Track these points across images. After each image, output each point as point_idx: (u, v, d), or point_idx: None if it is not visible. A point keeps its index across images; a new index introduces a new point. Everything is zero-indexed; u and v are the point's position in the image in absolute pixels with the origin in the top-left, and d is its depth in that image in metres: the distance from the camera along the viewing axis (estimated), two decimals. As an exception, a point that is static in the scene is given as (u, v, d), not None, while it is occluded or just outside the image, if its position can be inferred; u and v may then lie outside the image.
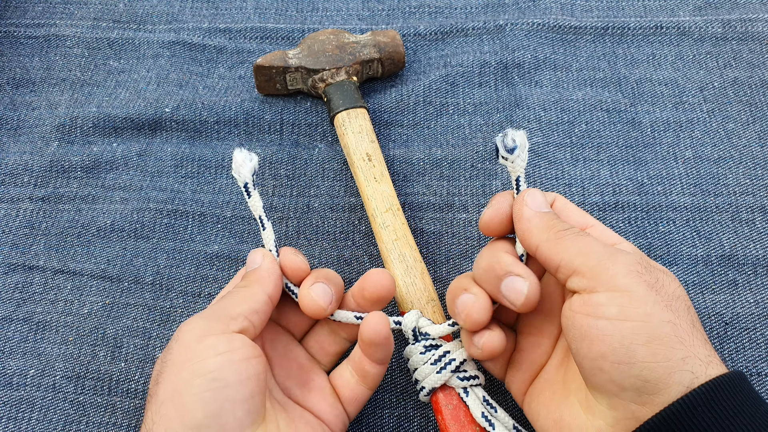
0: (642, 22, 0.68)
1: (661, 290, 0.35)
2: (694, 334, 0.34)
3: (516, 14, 0.70)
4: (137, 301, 0.55)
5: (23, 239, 0.59)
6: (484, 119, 0.64)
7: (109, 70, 0.68)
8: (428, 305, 0.49)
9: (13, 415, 0.51)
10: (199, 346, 0.38)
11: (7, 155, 0.63)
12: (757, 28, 0.67)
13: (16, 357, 0.53)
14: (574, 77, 0.66)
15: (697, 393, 0.32)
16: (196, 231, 0.59)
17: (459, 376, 0.45)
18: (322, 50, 0.62)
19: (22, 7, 0.73)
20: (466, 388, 0.45)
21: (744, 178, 0.59)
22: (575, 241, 0.38)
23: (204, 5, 0.73)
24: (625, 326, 0.33)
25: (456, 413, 0.45)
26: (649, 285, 0.34)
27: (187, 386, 0.37)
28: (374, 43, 0.63)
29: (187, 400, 0.36)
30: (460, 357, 0.45)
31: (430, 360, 0.45)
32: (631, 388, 0.33)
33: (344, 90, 0.61)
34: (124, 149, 0.63)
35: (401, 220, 0.53)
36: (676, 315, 0.34)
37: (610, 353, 0.33)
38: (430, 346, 0.46)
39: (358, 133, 0.58)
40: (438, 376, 0.44)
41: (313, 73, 0.62)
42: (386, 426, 0.49)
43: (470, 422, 0.44)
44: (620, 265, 0.35)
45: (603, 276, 0.35)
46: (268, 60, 0.62)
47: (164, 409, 0.37)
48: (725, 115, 0.63)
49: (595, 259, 0.36)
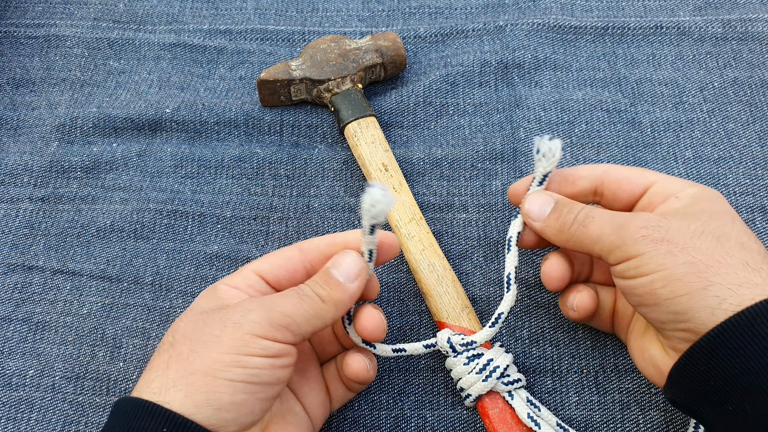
0: (642, 22, 0.68)
1: (674, 238, 0.38)
2: (725, 260, 0.37)
3: (516, 14, 0.70)
4: (137, 302, 0.55)
5: (23, 239, 0.59)
6: (484, 120, 0.64)
7: (110, 71, 0.68)
8: (463, 313, 0.50)
9: (12, 415, 0.51)
10: (252, 340, 0.38)
11: (6, 155, 0.63)
12: (757, 28, 0.67)
13: (15, 357, 0.53)
14: (574, 77, 0.66)
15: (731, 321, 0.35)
16: (195, 231, 0.59)
17: (503, 381, 0.47)
18: (325, 60, 0.62)
19: (22, 7, 0.73)
20: (511, 392, 0.47)
21: (744, 178, 0.59)
22: (585, 232, 0.42)
23: (204, 6, 0.73)
24: (646, 280, 0.38)
25: (503, 416, 0.47)
26: (656, 241, 0.39)
27: (226, 369, 0.37)
28: (375, 47, 0.63)
29: (219, 382, 0.37)
30: (504, 363, 0.47)
31: (475, 370, 0.47)
32: (668, 321, 0.38)
33: (351, 99, 0.60)
34: (123, 149, 0.63)
35: (425, 229, 0.54)
36: (697, 251, 0.38)
37: (642, 301, 0.39)
38: (473, 356, 0.48)
39: (371, 143, 0.58)
40: (484, 384, 0.47)
41: (318, 83, 0.61)
42: (383, 427, 0.49)
43: (517, 423, 0.47)
44: (627, 237, 0.40)
45: (617, 253, 0.40)
46: (271, 74, 0.62)
47: (193, 378, 0.37)
48: (725, 115, 0.63)
49: (607, 241, 0.41)
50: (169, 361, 0.38)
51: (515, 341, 0.52)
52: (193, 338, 0.39)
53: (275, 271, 0.43)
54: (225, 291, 0.42)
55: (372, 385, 0.51)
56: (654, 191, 0.44)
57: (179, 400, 0.36)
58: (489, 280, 0.55)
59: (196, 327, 0.39)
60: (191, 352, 0.38)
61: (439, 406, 0.50)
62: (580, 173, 0.46)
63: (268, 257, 0.44)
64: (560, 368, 0.51)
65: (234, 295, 0.42)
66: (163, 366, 0.38)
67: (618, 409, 0.49)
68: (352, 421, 0.50)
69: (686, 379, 0.38)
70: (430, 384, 0.51)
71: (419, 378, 0.51)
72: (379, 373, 0.51)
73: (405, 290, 0.55)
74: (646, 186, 0.44)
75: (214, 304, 0.41)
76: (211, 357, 0.37)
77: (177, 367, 0.37)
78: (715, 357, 0.35)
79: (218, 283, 0.43)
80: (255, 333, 0.38)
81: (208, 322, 0.39)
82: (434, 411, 0.50)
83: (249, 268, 0.44)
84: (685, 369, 0.37)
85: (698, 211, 0.40)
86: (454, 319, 0.50)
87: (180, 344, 0.39)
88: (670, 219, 0.40)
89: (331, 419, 0.50)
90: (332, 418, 0.50)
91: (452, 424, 0.49)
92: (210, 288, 0.43)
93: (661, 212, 0.41)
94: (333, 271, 0.42)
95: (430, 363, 0.51)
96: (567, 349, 0.52)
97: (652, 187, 0.44)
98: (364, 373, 0.45)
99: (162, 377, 0.38)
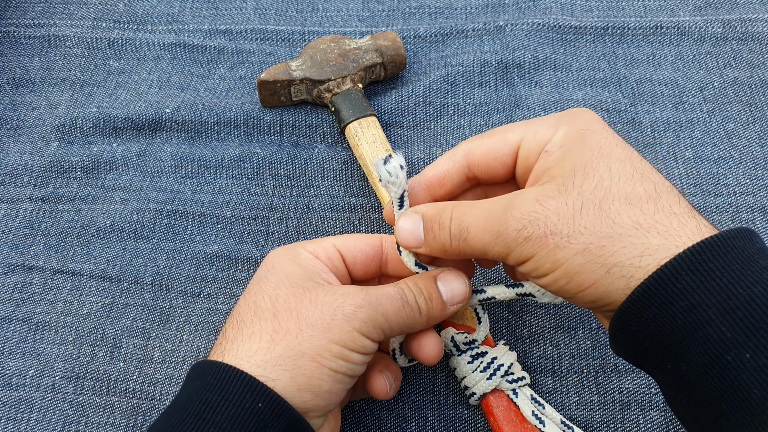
0: (642, 22, 0.68)
1: (556, 227, 0.35)
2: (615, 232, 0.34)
3: (516, 14, 0.70)
4: (137, 302, 0.55)
5: (23, 239, 0.59)
6: (484, 120, 0.64)
7: (109, 71, 0.68)
8: (467, 311, 0.50)
9: (12, 415, 0.51)
10: (359, 337, 0.39)
11: (7, 155, 0.63)
12: (757, 28, 0.67)
13: (15, 357, 0.53)
14: (574, 77, 0.66)
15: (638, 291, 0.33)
16: (195, 231, 0.59)
17: (508, 379, 0.47)
18: (325, 60, 0.62)
19: (22, 7, 0.73)
20: (515, 390, 0.47)
21: (744, 178, 0.59)
22: (468, 247, 0.38)
23: (204, 6, 0.73)
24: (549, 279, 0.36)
25: (507, 414, 0.47)
26: (540, 238, 0.35)
27: (332, 359, 0.38)
28: (375, 47, 0.63)
29: (324, 370, 0.38)
30: (508, 361, 0.47)
31: (479, 368, 0.47)
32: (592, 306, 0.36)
33: (351, 99, 0.60)
34: (123, 149, 0.63)
35: None
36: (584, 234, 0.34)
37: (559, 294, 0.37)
38: (477, 354, 0.47)
39: (372, 143, 0.58)
40: (489, 383, 0.47)
41: (318, 84, 0.62)
42: (384, 427, 0.49)
43: (521, 421, 0.47)
44: (510, 242, 0.36)
45: (510, 259, 0.37)
46: (271, 74, 0.62)
47: (301, 362, 0.37)
48: (725, 115, 0.63)
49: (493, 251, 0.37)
50: (275, 335, 0.38)
51: (516, 341, 0.52)
52: (300, 315, 0.39)
53: (355, 253, 0.44)
54: (309, 260, 0.42)
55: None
56: (525, 151, 0.39)
57: (284, 381, 0.37)
58: (490, 282, 0.55)
59: (300, 302, 0.39)
60: (300, 331, 0.38)
61: (439, 406, 0.50)
62: (441, 170, 0.42)
63: (351, 238, 0.45)
64: (560, 368, 0.51)
65: (317, 267, 0.42)
66: (268, 338, 0.38)
67: (618, 409, 0.49)
68: (353, 421, 0.50)
69: (623, 337, 0.36)
70: (431, 384, 0.51)
71: (420, 378, 0.51)
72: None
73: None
74: (514, 149, 0.40)
75: (305, 274, 0.41)
76: (321, 343, 0.38)
77: (286, 346, 0.37)
78: (642, 318, 0.34)
79: (299, 247, 0.43)
80: (361, 331, 0.39)
81: (313, 302, 0.39)
82: (435, 411, 0.50)
83: (330, 241, 0.44)
84: (619, 327, 0.35)
85: (571, 167, 0.36)
86: (457, 317, 0.50)
87: (284, 317, 0.39)
88: (545, 200, 0.36)
89: (331, 419, 0.50)
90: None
91: (453, 424, 0.49)
92: (291, 251, 0.43)
93: (537, 177, 0.38)
94: (441, 287, 0.42)
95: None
96: (567, 349, 0.52)
97: (521, 147, 0.40)
98: (383, 394, 0.44)
99: (268, 351, 0.37)
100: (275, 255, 0.43)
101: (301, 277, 0.41)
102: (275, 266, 0.42)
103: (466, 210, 0.38)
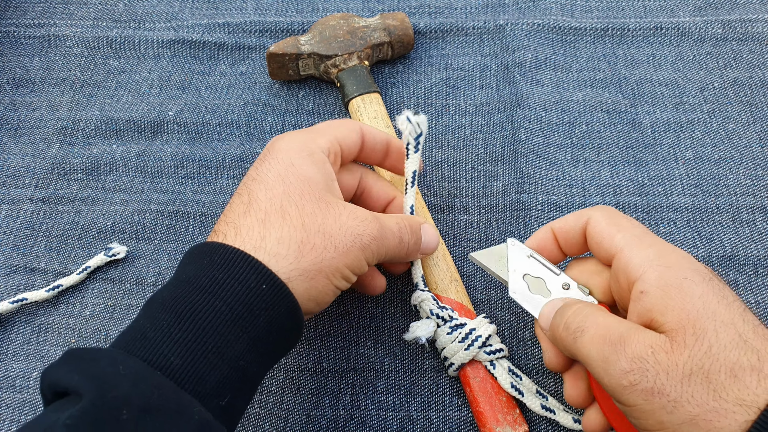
0: (642, 23, 0.68)
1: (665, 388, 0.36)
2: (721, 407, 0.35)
3: (516, 14, 0.70)
4: (139, 303, 0.55)
5: (24, 241, 0.59)
6: (485, 119, 0.64)
7: (110, 70, 0.68)
8: (451, 285, 0.52)
9: (16, 417, 0.51)
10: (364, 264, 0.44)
11: (8, 157, 0.63)
12: (757, 28, 0.67)
13: (18, 359, 0.53)
14: (575, 78, 0.66)
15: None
16: (197, 232, 0.59)
17: (485, 350, 0.49)
18: (333, 36, 0.63)
19: (22, 7, 0.72)
20: (493, 361, 0.49)
21: (744, 179, 0.59)
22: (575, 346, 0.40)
23: (204, 5, 0.73)
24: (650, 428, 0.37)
25: (483, 385, 0.48)
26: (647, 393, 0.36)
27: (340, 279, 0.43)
28: (384, 26, 0.64)
29: (331, 287, 0.43)
30: (486, 333, 0.49)
31: (458, 338, 0.49)
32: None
33: (357, 75, 0.62)
34: (123, 150, 0.63)
35: (420, 202, 0.56)
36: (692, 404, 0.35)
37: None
38: (456, 326, 0.49)
39: (373, 119, 0.60)
40: (467, 353, 0.48)
41: (325, 59, 0.63)
42: (389, 428, 0.50)
43: (497, 393, 0.48)
44: (614, 378, 0.37)
45: (608, 389, 0.38)
46: (280, 47, 0.63)
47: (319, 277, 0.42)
48: (725, 115, 0.63)
49: (595, 372, 0.39)
50: (302, 247, 0.41)
51: (517, 343, 0.52)
52: (326, 233, 0.42)
53: (350, 145, 0.49)
54: (324, 163, 0.45)
55: (379, 386, 0.51)
56: (620, 269, 0.41)
57: (301, 290, 0.41)
58: (490, 283, 0.55)
59: (325, 219, 0.43)
60: (324, 250, 0.42)
61: (444, 407, 0.50)
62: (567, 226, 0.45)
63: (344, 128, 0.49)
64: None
65: (330, 174, 0.46)
66: (296, 248, 0.41)
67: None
68: (360, 422, 0.50)
69: None
70: (435, 385, 0.51)
71: (425, 379, 0.51)
72: (386, 374, 0.52)
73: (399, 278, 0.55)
74: (613, 253, 0.42)
75: (323, 182, 0.44)
76: (337, 266, 0.42)
77: (311, 260, 0.41)
78: None
79: (310, 142, 0.46)
80: (368, 260, 0.44)
81: (337, 221, 0.43)
82: (440, 412, 0.50)
83: (332, 134, 0.47)
84: None
85: (679, 321, 0.37)
86: (443, 290, 0.51)
87: (312, 231, 0.42)
88: (658, 352, 0.36)
89: (337, 420, 0.50)
90: (339, 418, 0.50)
91: (458, 426, 0.49)
92: (305, 146, 0.45)
93: (639, 317, 0.39)
94: (423, 234, 0.49)
95: (435, 364, 0.52)
96: (569, 349, 0.52)
97: (617, 261, 0.41)
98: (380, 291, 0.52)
99: (295, 262, 0.41)
100: (289, 148, 0.45)
101: (321, 188, 0.44)
102: (294, 164, 0.44)
103: (591, 313, 0.41)
